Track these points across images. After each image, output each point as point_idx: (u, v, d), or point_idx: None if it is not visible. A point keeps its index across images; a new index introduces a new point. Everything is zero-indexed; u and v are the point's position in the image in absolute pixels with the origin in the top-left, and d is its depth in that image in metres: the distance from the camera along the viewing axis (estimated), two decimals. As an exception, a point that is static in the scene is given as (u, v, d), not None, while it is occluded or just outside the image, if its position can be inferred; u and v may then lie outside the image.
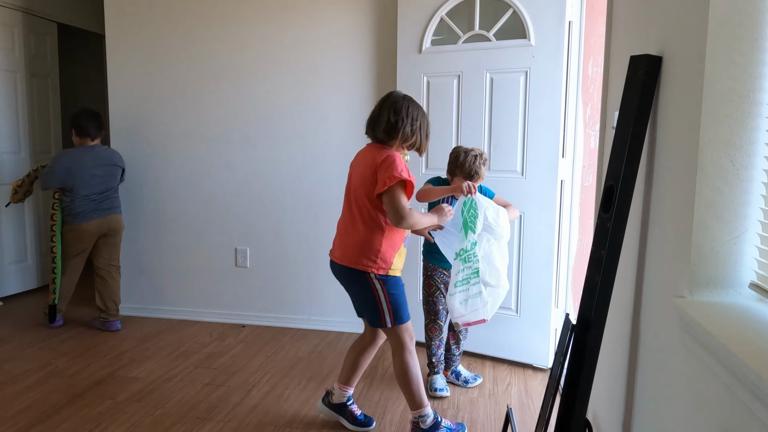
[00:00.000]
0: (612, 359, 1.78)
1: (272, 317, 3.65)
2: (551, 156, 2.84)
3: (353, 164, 2.20)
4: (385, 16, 3.29)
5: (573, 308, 3.06)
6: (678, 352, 1.19)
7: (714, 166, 1.11)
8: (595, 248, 1.50)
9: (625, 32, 1.77)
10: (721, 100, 1.10)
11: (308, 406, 2.53)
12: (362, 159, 2.15)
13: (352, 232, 2.14)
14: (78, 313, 3.84)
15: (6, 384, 2.70)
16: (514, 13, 2.88)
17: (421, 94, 3.12)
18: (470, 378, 2.77)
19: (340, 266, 2.19)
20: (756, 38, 1.07)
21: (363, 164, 2.12)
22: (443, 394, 2.63)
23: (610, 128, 1.91)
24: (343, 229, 2.21)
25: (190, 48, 3.57)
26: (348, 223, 2.17)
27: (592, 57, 2.97)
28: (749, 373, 0.83)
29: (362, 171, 2.11)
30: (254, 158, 3.57)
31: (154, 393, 2.63)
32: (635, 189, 1.50)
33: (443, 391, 2.63)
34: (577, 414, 1.48)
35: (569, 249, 3.05)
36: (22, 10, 4.15)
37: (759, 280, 1.10)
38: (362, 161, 2.14)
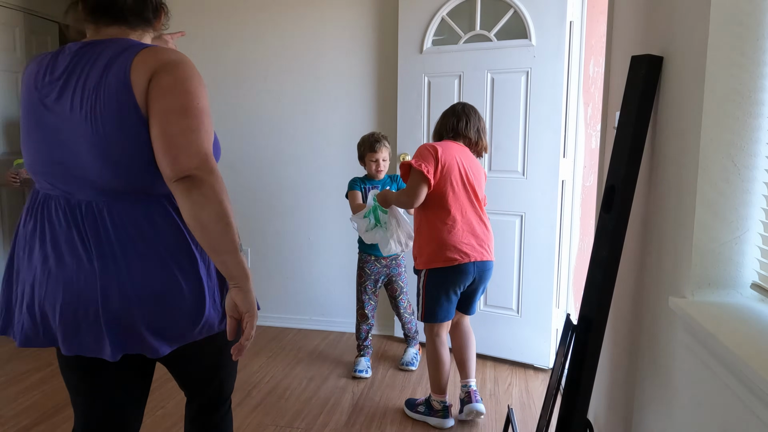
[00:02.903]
0: (613, 359, 1.78)
1: (273, 317, 3.65)
2: (552, 156, 2.84)
3: (457, 157, 2.21)
4: (386, 16, 3.29)
5: (574, 308, 3.06)
6: (679, 352, 1.19)
7: (715, 166, 1.11)
8: (596, 248, 1.50)
9: (627, 32, 1.77)
10: (722, 100, 1.10)
11: (309, 406, 2.53)
12: (470, 158, 2.29)
13: (488, 225, 2.31)
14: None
15: (7, 384, 2.71)
16: (515, 13, 2.88)
17: (422, 94, 3.12)
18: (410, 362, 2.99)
19: (491, 263, 2.31)
20: (757, 38, 1.07)
21: (475, 163, 2.30)
22: (362, 376, 2.83)
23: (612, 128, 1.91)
24: (482, 225, 2.28)
25: (190, 48, 3.57)
26: (480, 218, 2.28)
27: (593, 57, 2.97)
28: (750, 373, 0.83)
29: (477, 170, 2.29)
30: (255, 158, 3.57)
31: (154, 393, 2.63)
32: (636, 189, 1.50)
33: (362, 373, 2.84)
34: (578, 414, 1.48)
35: (570, 249, 3.05)
36: (23, 10, 4.16)
37: (760, 281, 1.10)
38: (473, 161, 2.30)
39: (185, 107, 1.07)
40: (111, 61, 1.09)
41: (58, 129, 1.13)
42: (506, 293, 3.01)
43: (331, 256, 3.54)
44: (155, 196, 1.16)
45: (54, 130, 1.13)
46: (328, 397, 2.62)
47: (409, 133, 3.16)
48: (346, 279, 3.51)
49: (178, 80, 1.09)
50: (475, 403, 2.37)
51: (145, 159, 1.11)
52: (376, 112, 3.38)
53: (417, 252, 2.30)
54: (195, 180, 1.05)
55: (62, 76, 1.12)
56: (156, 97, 1.07)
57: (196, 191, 1.05)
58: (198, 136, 1.07)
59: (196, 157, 1.06)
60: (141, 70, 1.08)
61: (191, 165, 1.05)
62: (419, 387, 2.74)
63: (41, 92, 1.14)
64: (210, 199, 1.06)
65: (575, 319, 1.57)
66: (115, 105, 1.08)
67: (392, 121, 3.30)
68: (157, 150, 1.08)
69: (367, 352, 2.97)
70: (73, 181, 1.14)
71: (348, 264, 3.50)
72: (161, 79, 1.07)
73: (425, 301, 2.28)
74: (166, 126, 1.06)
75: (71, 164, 1.12)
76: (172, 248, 1.16)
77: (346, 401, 2.59)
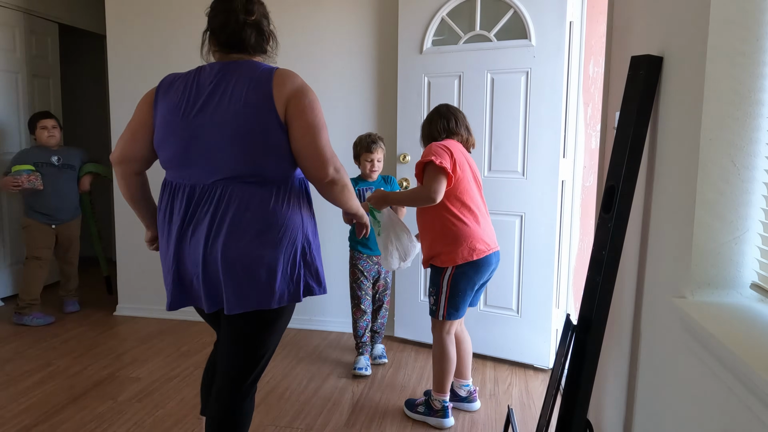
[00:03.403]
0: (613, 360, 1.78)
1: (273, 317, 3.64)
2: (552, 156, 2.84)
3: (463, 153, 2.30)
4: (385, 16, 3.29)
5: (574, 309, 3.06)
6: (679, 352, 1.19)
7: (715, 166, 1.11)
8: (596, 249, 1.50)
9: (626, 32, 1.77)
10: (722, 101, 1.10)
11: (309, 406, 2.53)
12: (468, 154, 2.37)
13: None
14: (78, 312, 3.84)
15: (7, 384, 2.71)
16: (515, 13, 2.88)
17: (422, 95, 3.12)
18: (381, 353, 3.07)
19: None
20: (757, 38, 1.07)
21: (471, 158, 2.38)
22: (363, 373, 2.86)
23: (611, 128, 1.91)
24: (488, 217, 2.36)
25: (191, 47, 3.56)
26: (486, 211, 2.35)
27: (593, 57, 2.97)
28: (750, 373, 0.83)
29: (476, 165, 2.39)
30: (255, 158, 3.56)
31: (155, 393, 2.63)
32: (636, 189, 1.50)
33: (363, 370, 2.87)
34: (578, 414, 1.48)
35: (570, 249, 3.05)
36: (23, 10, 4.16)
37: (760, 281, 1.10)
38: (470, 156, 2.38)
39: (318, 125, 1.47)
40: (251, 79, 1.46)
41: (199, 130, 1.46)
42: (506, 293, 3.01)
43: (331, 256, 3.54)
44: (267, 183, 1.49)
45: (194, 131, 1.46)
46: (328, 397, 2.62)
47: (409, 134, 3.16)
48: (346, 279, 3.51)
49: (310, 102, 1.47)
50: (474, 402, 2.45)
51: (269, 152, 1.46)
52: (376, 113, 3.38)
53: (436, 250, 2.27)
54: (332, 182, 1.52)
55: (208, 88, 1.48)
56: (296, 116, 1.45)
57: (334, 189, 1.55)
58: (329, 148, 1.50)
59: (331, 166, 1.50)
60: (280, 89, 1.44)
61: (329, 172, 1.50)
62: (419, 387, 2.74)
63: (185, 101, 1.49)
64: (342, 190, 1.57)
65: (575, 319, 1.57)
66: (257, 111, 1.43)
67: (392, 121, 3.30)
68: (303, 157, 1.48)
69: (366, 350, 2.99)
70: (204, 171, 1.47)
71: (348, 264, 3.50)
72: (299, 102, 1.45)
73: (449, 297, 2.26)
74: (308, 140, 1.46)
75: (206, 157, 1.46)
76: (265, 227, 1.47)
77: (346, 401, 2.59)
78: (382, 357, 3.04)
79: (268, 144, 1.45)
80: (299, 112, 1.44)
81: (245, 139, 1.44)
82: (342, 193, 1.57)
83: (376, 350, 3.07)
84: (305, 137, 1.45)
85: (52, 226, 3.64)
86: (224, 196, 1.46)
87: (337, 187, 1.54)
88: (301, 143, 1.46)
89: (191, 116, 1.47)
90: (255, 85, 1.45)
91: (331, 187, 1.53)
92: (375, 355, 3.05)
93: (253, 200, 1.47)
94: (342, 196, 1.58)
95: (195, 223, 1.49)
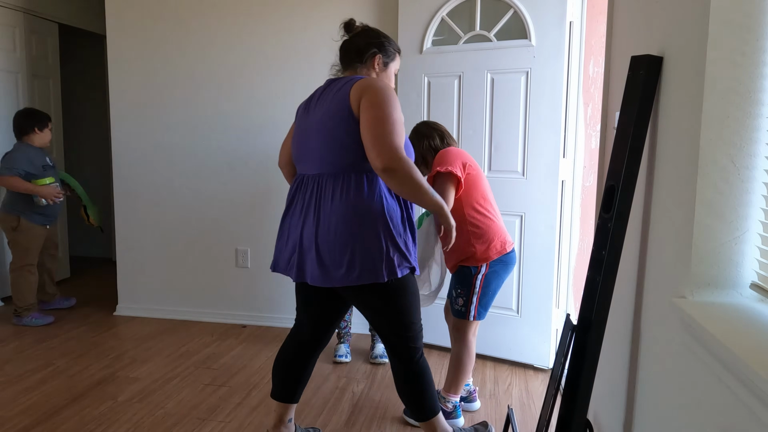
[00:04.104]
0: (613, 360, 1.78)
1: (273, 317, 3.65)
2: (552, 156, 2.84)
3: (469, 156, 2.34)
4: (385, 16, 3.29)
5: (574, 309, 3.06)
6: (679, 352, 1.19)
7: (715, 166, 1.11)
8: (596, 249, 1.50)
9: (626, 32, 1.77)
10: (722, 101, 1.10)
11: (309, 407, 2.53)
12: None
13: None
14: (78, 313, 3.84)
15: (7, 384, 2.71)
16: (515, 13, 2.88)
17: (421, 95, 3.12)
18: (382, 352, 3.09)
19: None
20: (757, 38, 1.07)
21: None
22: (343, 360, 3.02)
23: (612, 128, 1.91)
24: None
25: (191, 48, 3.57)
26: None
27: (593, 57, 2.97)
28: (750, 373, 0.83)
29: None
30: (255, 158, 3.57)
31: (155, 393, 2.63)
32: (636, 189, 1.50)
33: (342, 357, 3.03)
34: (578, 414, 1.48)
35: (570, 249, 3.05)
36: (23, 10, 4.16)
37: (760, 281, 1.10)
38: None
39: (383, 117, 1.64)
40: (341, 87, 1.76)
41: (308, 130, 1.82)
42: (506, 293, 3.01)
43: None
44: (360, 172, 1.74)
45: (306, 131, 1.83)
46: (328, 397, 2.62)
47: (408, 134, 3.16)
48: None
49: (378, 98, 1.67)
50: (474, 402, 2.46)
51: (355, 146, 1.70)
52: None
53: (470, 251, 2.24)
54: (392, 171, 1.62)
55: (319, 98, 1.82)
56: (364, 109, 1.67)
57: (395, 178, 1.64)
58: (392, 138, 1.63)
59: (392, 156, 1.62)
60: (355, 90, 1.71)
61: (388, 160, 1.62)
62: (419, 387, 2.74)
63: (304, 113, 1.86)
64: (404, 180, 1.65)
65: (575, 319, 1.57)
66: (337, 112, 1.72)
67: (392, 121, 3.29)
68: (367, 146, 1.65)
69: (347, 339, 3.13)
70: (311, 163, 1.80)
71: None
72: (369, 98, 1.67)
73: (480, 296, 2.27)
74: (371, 129, 1.64)
75: (313, 152, 1.78)
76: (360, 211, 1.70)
77: (346, 401, 2.59)
78: (382, 356, 3.04)
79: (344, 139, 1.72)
80: (366, 107, 1.66)
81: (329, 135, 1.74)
82: (407, 183, 1.65)
83: (376, 350, 3.07)
84: (365, 129, 1.66)
85: (47, 227, 3.64)
86: (320, 186, 1.76)
87: (399, 175, 1.63)
88: (364, 134, 1.67)
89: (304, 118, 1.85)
90: (341, 91, 1.75)
91: (391, 175, 1.64)
92: (376, 354, 3.05)
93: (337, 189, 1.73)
94: (408, 186, 1.66)
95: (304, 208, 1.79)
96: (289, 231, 1.84)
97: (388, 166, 1.61)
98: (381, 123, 1.63)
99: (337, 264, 1.72)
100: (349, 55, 1.88)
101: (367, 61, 1.87)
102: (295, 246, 1.81)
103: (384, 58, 1.90)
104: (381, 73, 1.91)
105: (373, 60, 1.88)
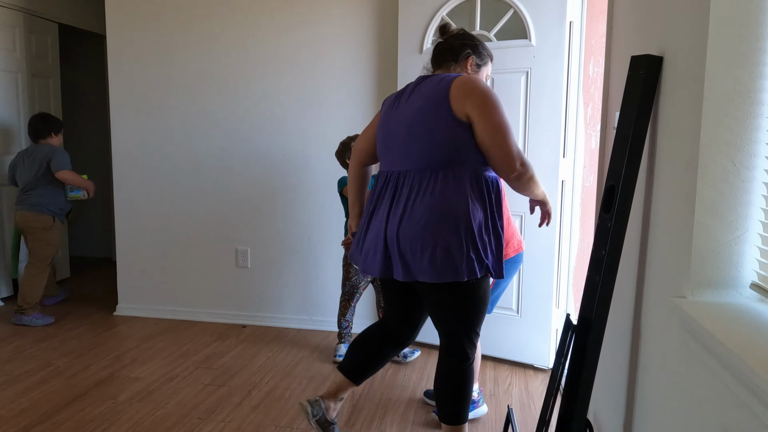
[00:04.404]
0: (613, 359, 1.78)
1: (273, 317, 3.65)
2: (552, 156, 2.84)
3: None
4: (386, 16, 3.29)
5: (574, 308, 3.06)
6: (679, 352, 1.19)
7: (715, 166, 1.11)
8: (596, 249, 1.50)
9: (626, 32, 1.77)
10: (722, 100, 1.10)
11: (309, 407, 2.53)
12: None
13: None
14: (78, 313, 3.84)
15: (7, 384, 2.71)
16: (515, 13, 2.88)
17: (421, 95, 3.11)
18: (408, 353, 3.07)
19: None
20: (757, 38, 1.07)
21: None
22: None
23: (612, 128, 1.91)
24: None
25: (191, 47, 3.57)
26: None
27: (593, 57, 2.97)
28: (750, 373, 0.83)
29: None
30: (255, 158, 3.57)
31: (155, 393, 2.63)
32: (636, 189, 1.50)
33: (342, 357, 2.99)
34: (578, 414, 1.48)
35: (570, 249, 3.05)
36: (23, 10, 4.16)
37: (760, 281, 1.10)
38: None
39: (501, 124, 1.70)
40: (438, 83, 1.76)
41: (398, 125, 1.82)
42: (506, 293, 3.01)
43: (331, 256, 3.54)
44: (450, 168, 1.74)
45: (395, 126, 1.83)
46: (328, 397, 2.62)
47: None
48: (346, 279, 3.51)
49: (490, 103, 1.69)
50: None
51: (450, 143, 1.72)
52: (376, 112, 3.38)
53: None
54: (519, 176, 1.75)
55: (411, 94, 1.83)
56: (478, 114, 1.69)
57: (521, 181, 1.77)
58: (514, 144, 1.72)
59: (519, 162, 1.73)
60: (458, 89, 1.72)
61: (517, 167, 1.73)
62: (419, 387, 2.74)
63: (392, 108, 1.87)
64: (528, 181, 1.78)
65: (575, 319, 1.57)
66: (436, 108, 1.73)
67: (392, 121, 3.30)
68: (493, 156, 1.72)
69: (348, 339, 3.12)
70: (401, 158, 1.80)
71: (348, 264, 3.50)
72: (477, 101, 1.69)
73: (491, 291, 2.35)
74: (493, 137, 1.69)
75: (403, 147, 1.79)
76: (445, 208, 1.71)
77: (346, 401, 2.59)
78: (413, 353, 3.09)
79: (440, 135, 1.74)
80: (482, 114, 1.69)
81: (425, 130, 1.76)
82: (528, 183, 1.79)
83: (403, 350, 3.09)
84: (486, 135, 1.70)
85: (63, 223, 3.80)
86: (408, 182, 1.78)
87: (524, 178, 1.76)
88: (488, 142, 1.71)
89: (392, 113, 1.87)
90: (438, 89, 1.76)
91: (518, 179, 1.76)
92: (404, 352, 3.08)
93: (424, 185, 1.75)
94: (528, 186, 1.80)
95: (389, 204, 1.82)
96: (372, 226, 1.85)
97: (517, 173, 1.74)
98: (500, 130, 1.70)
99: (419, 259, 1.73)
100: (443, 55, 1.91)
101: (461, 62, 1.91)
102: (377, 241, 1.81)
103: (477, 59, 1.93)
104: (473, 75, 1.92)
105: (467, 61, 1.91)
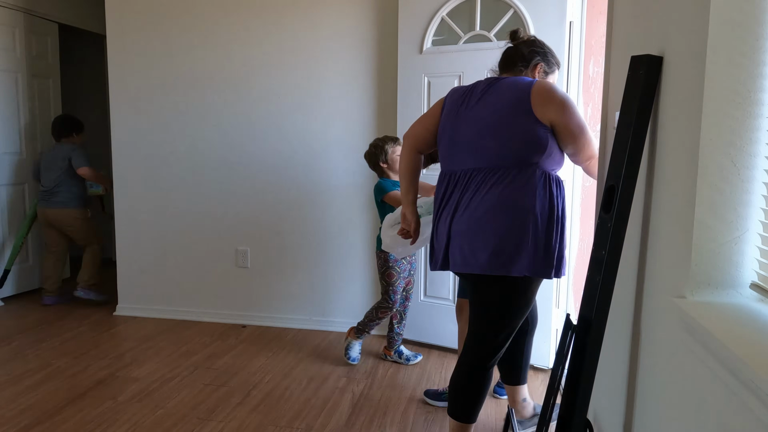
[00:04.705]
0: (613, 360, 1.78)
1: (273, 317, 3.65)
2: (552, 156, 2.83)
3: None
4: (385, 16, 3.29)
5: (574, 309, 3.06)
6: (679, 352, 1.19)
7: (715, 166, 1.11)
8: (596, 249, 1.50)
9: (626, 32, 1.77)
10: (722, 100, 1.10)
11: (309, 406, 2.53)
12: None
13: None
14: (78, 313, 3.84)
15: (7, 384, 2.71)
16: (515, 13, 2.88)
17: (421, 95, 3.11)
18: (411, 356, 3.06)
19: None
20: (757, 38, 1.07)
21: None
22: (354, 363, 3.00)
23: (612, 128, 1.91)
24: None
25: (191, 47, 3.57)
26: None
27: (593, 57, 2.96)
28: (750, 373, 0.83)
29: None
30: (255, 158, 3.57)
31: (155, 393, 2.63)
32: (636, 189, 1.50)
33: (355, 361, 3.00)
34: (578, 414, 1.48)
35: (570, 249, 3.05)
36: (23, 10, 4.16)
37: (760, 281, 1.10)
38: None
39: (584, 125, 1.84)
40: (514, 87, 1.81)
41: (469, 124, 1.84)
42: (506, 293, 3.00)
43: (332, 256, 3.54)
44: (523, 167, 1.78)
45: (465, 125, 1.85)
46: (328, 397, 2.62)
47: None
48: (346, 279, 3.51)
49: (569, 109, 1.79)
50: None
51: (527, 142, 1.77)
52: (376, 113, 3.38)
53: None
54: (590, 163, 1.92)
55: (483, 93, 1.85)
56: (561, 118, 1.78)
57: (591, 166, 1.93)
58: (593, 144, 1.88)
59: (592, 154, 1.90)
60: (539, 94, 1.78)
61: (595, 154, 1.90)
62: (419, 386, 2.74)
63: (462, 106, 1.88)
64: (594, 166, 1.93)
65: (575, 319, 1.57)
66: (516, 108, 1.78)
67: (392, 121, 3.30)
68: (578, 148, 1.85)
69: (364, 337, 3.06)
70: (471, 156, 1.82)
71: (348, 264, 3.50)
72: (558, 107, 1.77)
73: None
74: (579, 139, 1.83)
75: (474, 145, 1.82)
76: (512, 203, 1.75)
77: (346, 401, 2.59)
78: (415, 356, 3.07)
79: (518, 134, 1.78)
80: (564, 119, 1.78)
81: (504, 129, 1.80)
82: (595, 165, 1.95)
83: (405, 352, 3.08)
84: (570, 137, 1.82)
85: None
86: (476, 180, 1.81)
87: (594, 161, 1.92)
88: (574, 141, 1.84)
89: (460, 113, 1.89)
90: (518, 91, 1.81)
91: (591, 164, 1.92)
92: (408, 355, 3.06)
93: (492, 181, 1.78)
94: (596, 167, 1.95)
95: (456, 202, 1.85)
96: (441, 226, 1.88)
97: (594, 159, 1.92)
98: (584, 130, 1.84)
99: (478, 250, 1.76)
100: (513, 60, 1.97)
101: (531, 69, 1.97)
102: (445, 237, 1.85)
103: (545, 67, 1.98)
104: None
105: (536, 68, 1.96)
